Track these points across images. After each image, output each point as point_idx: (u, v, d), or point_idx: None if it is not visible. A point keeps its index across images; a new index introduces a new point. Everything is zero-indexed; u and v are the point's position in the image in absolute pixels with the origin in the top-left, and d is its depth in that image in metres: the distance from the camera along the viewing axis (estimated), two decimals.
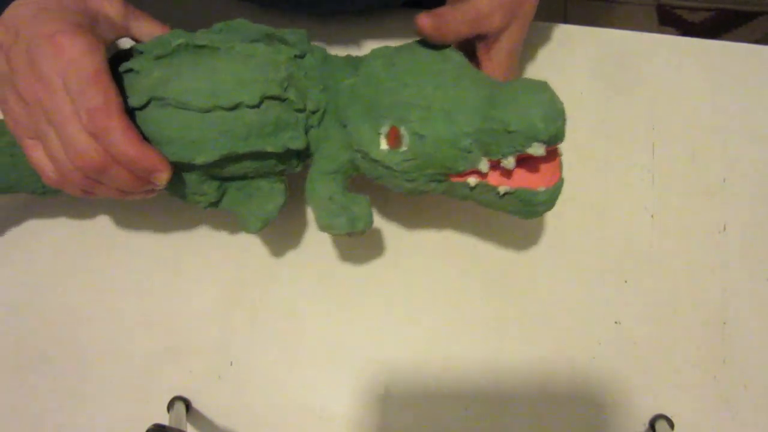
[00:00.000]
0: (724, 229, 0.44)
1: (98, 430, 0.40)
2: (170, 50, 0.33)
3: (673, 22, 1.34)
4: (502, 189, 0.33)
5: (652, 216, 0.44)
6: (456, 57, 0.34)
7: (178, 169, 0.34)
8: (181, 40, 0.33)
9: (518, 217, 0.35)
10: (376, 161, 0.34)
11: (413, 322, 0.42)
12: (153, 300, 0.43)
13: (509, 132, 0.30)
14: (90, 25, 0.33)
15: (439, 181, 0.34)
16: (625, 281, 0.43)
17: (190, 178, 0.36)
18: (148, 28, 0.37)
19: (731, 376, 0.40)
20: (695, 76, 0.48)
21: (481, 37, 0.36)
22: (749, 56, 0.48)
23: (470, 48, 0.38)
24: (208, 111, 0.33)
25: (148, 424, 0.34)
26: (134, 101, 0.33)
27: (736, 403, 0.40)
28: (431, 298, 0.42)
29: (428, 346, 0.41)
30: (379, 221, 0.44)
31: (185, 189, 0.36)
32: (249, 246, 0.44)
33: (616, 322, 0.42)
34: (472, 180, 0.34)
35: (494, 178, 0.33)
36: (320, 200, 0.36)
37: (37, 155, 0.33)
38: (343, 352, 0.41)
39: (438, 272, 0.43)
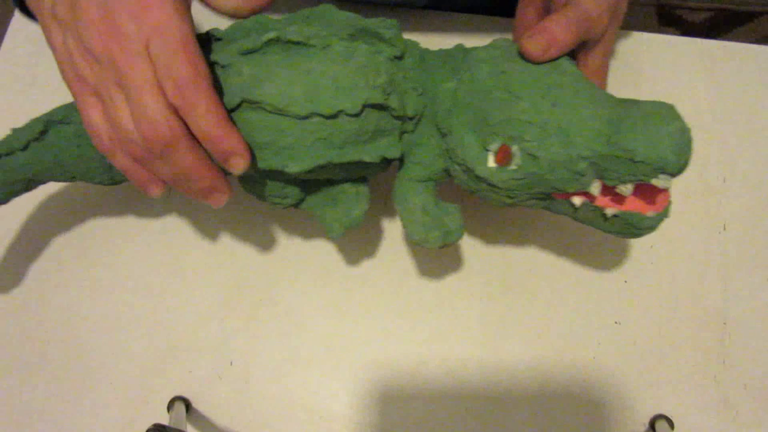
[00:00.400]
0: (725, 228, 0.44)
1: (98, 430, 0.40)
2: (259, 45, 0.31)
3: (673, 22, 1.34)
4: (609, 211, 0.31)
5: None
6: (571, 68, 0.32)
7: (264, 172, 0.32)
8: (272, 35, 0.31)
9: (614, 236, 0.33)
10: (479, 178, 0.32)
11: (413, 322, 0.42)
12: (153, 300, 0.43)
13: (634, 161, 0.28)
14: None
15: (541, 199, 0.33)
16: (625, 281, 0.43)
17: (274, 180, 0.34)
18: None
19: (731, 376, 0.40)
20: (695, 76, 0.48)
21: (582, 44, 0.34)
22: (749, 56, 0.48)
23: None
24: (305, 118, 0.30)
25: (148, 424, 0.34)
26: (224, 102, 0.30)
27: (736, 403, 0.40)
28: (431, 298, 0.42)
29: (428, 346, 0.41)
30: (379, 221, 0.44)
31: (265, 190, 0.35)
32: (249, 246, 0.44)
33: (616, 322, 0.42)
34: (578, 200, 0.32)
35: (603, 200, 0.32)
36: (413, 211, 0.34)
37: (95, 116, 0.30)
38: (343, 352, 0.41)
39: (438, 272, 0.43)
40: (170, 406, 0.40)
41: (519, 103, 0.30)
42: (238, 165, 0.30)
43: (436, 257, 0.43)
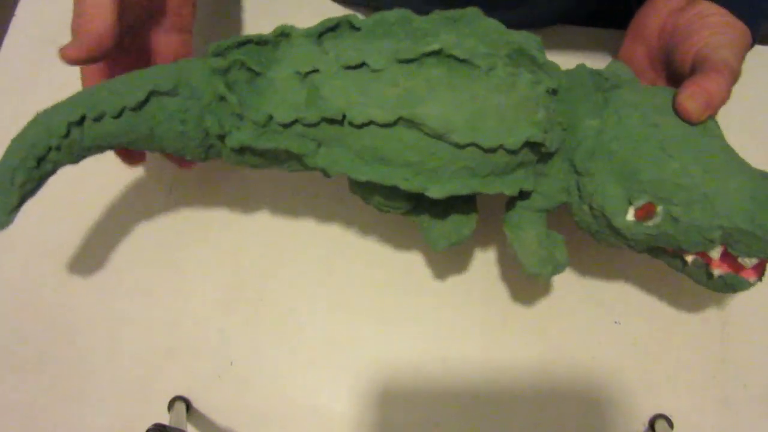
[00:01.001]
0: None
1: (98, 430, 0.40)
2: (419, 55, 0.28)
3: None
4: (716, 272, 0.32)
5: None
6: (717, 130, 0.32)
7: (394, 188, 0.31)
8: (436, 47, 0.28)
9: (709, 289, 0.33)
10: (613, 228, 0.31)
11: (413, 322, 0.42)
12: (153, 300, 0.43)
13: None
14: None
15: (655, 250, 0.33)
16: (625, 281, 0.43)
17: (392, 192, 0.32)
18: (170, 39, 0.34)
19: (731, 376, 0.40)
20: None
21: None
22: (749, 56, 0.48)
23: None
24: (462, 147, 0.29)
25: (149, 424, 0.34)
26: (378, 115, 0.28)
27: (736, 403, 0.40)
28: (431, 297, 0.42)
29: (428, 346, 0.41)
30: (379, 221, 0.44)
31: (380, 201, 0.34)
32: (249, 246, 0.44)
33: (616, 322, 0.42)
34: (690, 258, 0.32)
35: (718, 264, 0.32)
36: (528, 243, 0.34)
37: None
38: (343, 351, 0.41)
39: (439, 272, 0.43)
40: (170, 406, 0.40)
41: (671, 162, 0.30)
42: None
43: (437, 257, 0.43)
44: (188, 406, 0.40)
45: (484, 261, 0.43)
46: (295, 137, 0.30)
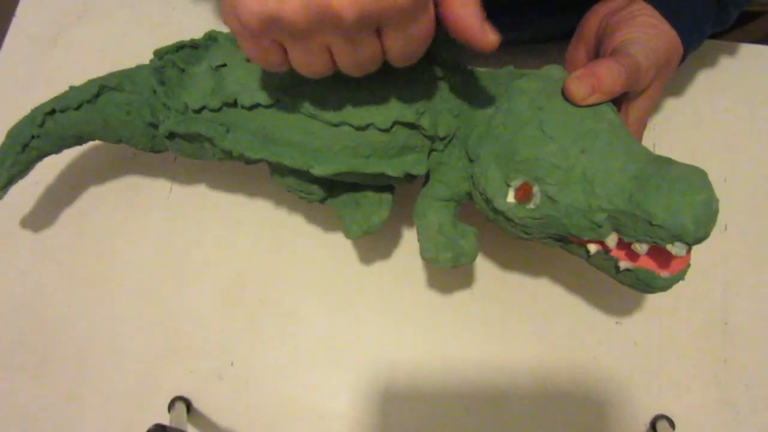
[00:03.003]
0: (725, 228, 0.44)
1: (98, 430, 0.40)
2: None
3: None
4: (622, 264, 0.31)
5: None
6: (610, 115, 0.31)
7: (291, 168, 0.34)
8: None
9: (627, 287, 0.33)
10: (497, 210, 0.32)
11: (414, 322, 0.42)
12: (154, 300, 0.43)
13: (651, 224, 0.28)
14: None
15: (557, 240, 0.33)
16: None
17: (301, 176, 0.35)
18: None
19: (732, 377, 0.40)
20: (695, 76, 0.48)
21: (625, 94, 0.33)
22: (749, 56, 0.48)
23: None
24: (336, 126, 0.31)
25: (149, 424, 0.34)
26: (262, 98, 0.31)
27: (737, 404, 0.40)
28: (431, 298, 0.42)
29: (428, 346, 0.41)
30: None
31: (293, 183, 0.35)
32: (250, 246, 0.44)
33: (616, 323, 0.42)
34: (593, 247, 0.32)
35: (618, 253, 0.31)
36: (429, 229, 0.35)
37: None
38: (343, 352, 0.41)
39: (439, 272, 0.43)
40: (171, 406, 0.40)
41: (549, 144, 0.30)
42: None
43: None
44: (188, 406, 0.40)
45: (485, 261, 0.43)
46: (205, 123, 0.34)
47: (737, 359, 0.41)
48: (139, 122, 0.37)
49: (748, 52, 0.49)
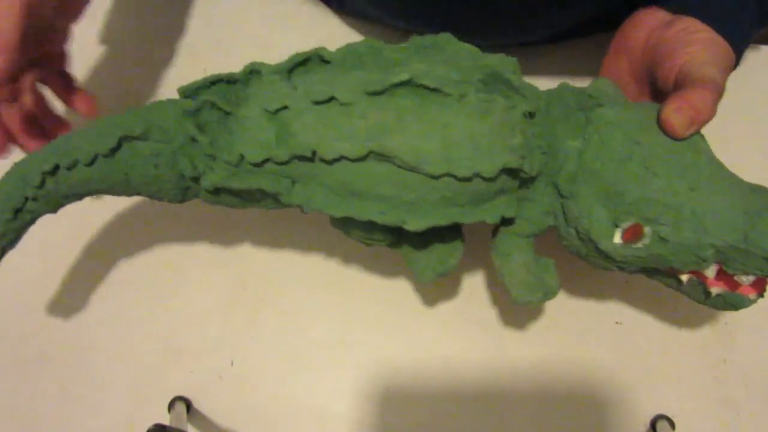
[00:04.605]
0: None
1: (98, 430, 0.40)
2: (387, 86, 0.27)
3: None
4: (714, 290, 0.31)
5: None
6: (704, 145, 0.30)
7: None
8: (404, 77, 0.27)
9: (711, 307, 0.33)
10: (600, 251, 0.31)
11: (414, 322, 0.42)
12: (154, 300, 0.43)
13: (766, 258, 0.28)
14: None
15: (649, 271, 0.32)
16: (626, 281, 0.43)
17: (366, 224, 0.30)
18: (57, 47, 0.36)
19: (732, 377, 0.40)
20: None
21: None
22: (749, 56, 0.48)
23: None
24: (437, 177, 0.28)
25: (149, 425, 0.34)
26: (348, 150, 0.27)
27: (737, 404, 0.40)
28: (432, 298, 0.42)
29: (429, 346, 0.41)
30: None
31: (361, 235, 0.33)
32: (250, 246, 0.44)
33: (616, 323, 0.42)
34: (685, 277, 0.31)
35: (713, 282, 0.31)
36: (516, 269, 0.33)
37: None
38: (343, 352, 0.41)
39: None
40: (171, 406, 0.40)
41: (656, 181, 0.29)
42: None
43: None
44: (188, 406, 0.40)
45: (485, 261, 0.43)
46: (268, 176, 0.30)
47: (737, 359, 0.41)
48: (171, 176, 0.31)
49: (748, 51, 0.49)
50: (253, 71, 0.31)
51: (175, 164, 0.31)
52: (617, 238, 0.30)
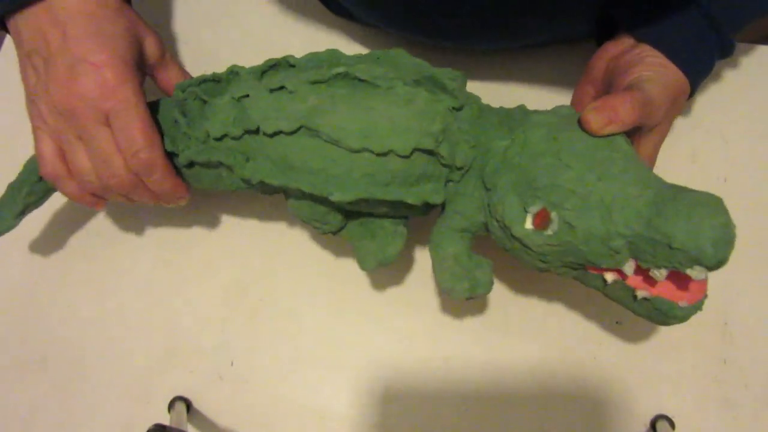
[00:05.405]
0: None
1: (98, 430, 0.40)
2: (328, 77, 0.32)
3: None
4: (639, 293, 0.31)
5: None
6: (624, 146, 0.32)
7: (310, 197, 0.34)
8: (341, 69, 0.32)
9: (644, 319, 0.33)
10: (515, 237, 0.32)
11: (414, 322, 0.42)
12: (154, 300, 0.43)
13: (671, 248, 0.28)
14: (136, 61, 0.34)
15: (574, 269, 0.33)
16: None
17: (316, 206, 0.35)
18: (174, 75, 0.38)
19: (732, 377, 0.40)
20: None
21: (636, 128, 0.34)
22: (749, 56, 0.49)
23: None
24: (356, 152, 0.32)
25: (149, 425, 0.34)
26: (284, 125, 0.32)
27: (737, 404, 0.40)
28: (432, 298, 0.42)
29: (429, 345, 0.41)
30: None
31: (309, 213, 0.36)
32: (250, 247, 0.44)
33: (617, 322, 0.42)
34: (610, 276, 0.32)
35: (634, 281, 0.31)
36: (444, 259, 0.35)
37: (47, 150, 0.35)
38: (343, 352, 0.41)
39: None
40: (171, 406, 0.40)
41: (566, 171, 0.30)
42: (181, 203, 0.38)
43: None
44: (189, 406, 0.40)
45: None
46: (227, 151, 0.35)
47: (737, 359, 0.41)
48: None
49: (748, 52, 0.49)
50: (233, 72, 0.36)
51: (163, 143, 0.36)
52: (528, 224, 0.31)
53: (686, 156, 0.45)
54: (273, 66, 0.35)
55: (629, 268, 0.30)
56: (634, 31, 0.36)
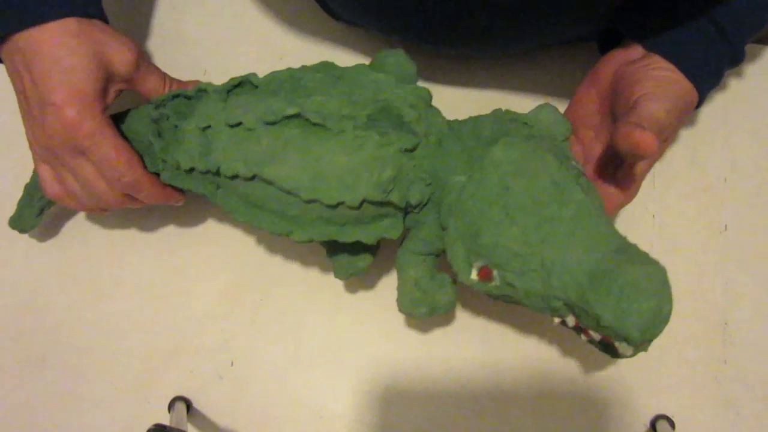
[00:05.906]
0: (725, 228, 0.44)
1: (98, 430, 0.40)
2: (280, 118, 0.32)
3: None
4: (584, 338, 0.32)
5: (653, 216, 0.44)
6: (579, 195, 0.31)
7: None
8: (291, 111, 0.32)
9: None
10: (463, 283, 0.33)
11: (413, 322, 0.42)
12: (154, 300, 0.43)
13: (599, 324, 0.29)
14: (100, 87, 0.34)
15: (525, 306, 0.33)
16: None
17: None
18: (153, 83, 0.38)
19: (732, 377, 0.40)
20: None
21: None
22: (749, 56, 0.48)
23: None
24: (309, 202, 0.32)
25: (149, 424, 0.34)
26: (241, 170, 0.33)
27: (738, 404, 0.40)
28: None
29: (428, 346, 0.41)
30: None
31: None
32: (250, 247, 0.44)
33: None
34: (557, 320, 0.32)
35: (577, 328, 0.32)
36: (406, 283, 0.36)
37: (45, 173, 0.36)
38: (343, 352, 0.41)
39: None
40: (171, 406, 0.40)
41: (511, 228, 0.30)
42: (178, 204, 0.39)
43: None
44: (189, 406, 0.40)
45: None
46: (196, 181, 0.36)
47: (737, 359, 0.41)
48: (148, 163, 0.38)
49: (748, 52, 0.49)
50: (201, 90, 0.36)
51: (145, 157, 0.37)
52: (473, 275, 0.32)
53: (686, 156, 0.45)
54: (238, 85, 0.36)
55: (570, 321, 0.31)
56: (643, 41, 0.36)
